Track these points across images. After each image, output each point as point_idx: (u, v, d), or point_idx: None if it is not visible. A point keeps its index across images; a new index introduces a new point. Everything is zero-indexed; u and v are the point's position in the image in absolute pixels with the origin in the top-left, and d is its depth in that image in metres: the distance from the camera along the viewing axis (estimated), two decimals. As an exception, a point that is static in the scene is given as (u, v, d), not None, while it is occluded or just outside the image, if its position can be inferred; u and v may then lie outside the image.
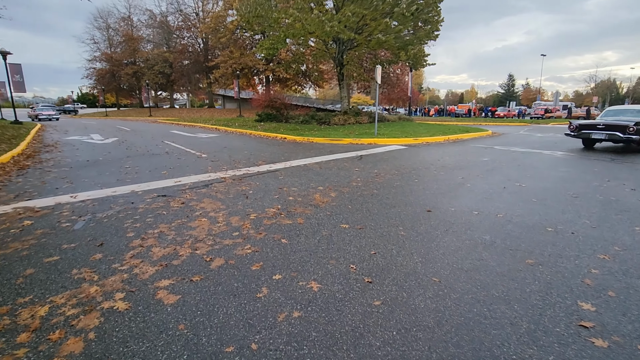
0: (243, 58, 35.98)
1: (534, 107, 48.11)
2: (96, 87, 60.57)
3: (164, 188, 5.54)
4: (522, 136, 15.05)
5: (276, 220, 4.01)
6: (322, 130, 14.38)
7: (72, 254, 3.10)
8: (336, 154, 9.25)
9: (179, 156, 8.91)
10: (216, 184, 5.79)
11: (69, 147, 10.73)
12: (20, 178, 6.28)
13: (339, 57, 16.96)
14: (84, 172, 6.87)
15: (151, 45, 56.23)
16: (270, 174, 6.61)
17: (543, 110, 40.54)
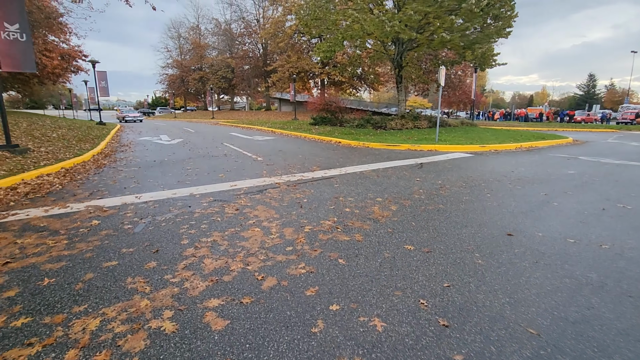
0: (300, 62, 36.57)
1: (622, 110, 42.15)
2: (167, 91, 66.34)
3: (220, 192, 5.54)
4: (612, 145, 13.04)
5: (332, 235, 3.70)
6: (378, 134, 13.85)
7: (129, 260, 3.09)
8: (394, 160, 8.72)
9: (236, 159, 9.06)
10: (270, 190, 5.65)
11: (140, 147, 11.56)
12: (96, 176, 6.76)
13: (398, 58, 16.27)
14: (150, 172, 7.22)
15: (216, 51, 59.92)
16: (325, 181, 6.34)
17: (634, 114, 35.36)
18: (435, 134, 13.05)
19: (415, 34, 13.51)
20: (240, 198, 5.17)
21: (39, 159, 7.71)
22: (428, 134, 13.65)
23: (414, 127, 15.19)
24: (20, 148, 8.01)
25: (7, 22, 7.49)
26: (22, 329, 2.14)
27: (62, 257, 3.15)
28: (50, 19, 17.71)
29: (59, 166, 7.27)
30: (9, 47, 7.56)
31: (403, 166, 7.95)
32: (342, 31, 14.29)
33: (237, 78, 52.78)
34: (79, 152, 9.27)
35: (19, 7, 7.67)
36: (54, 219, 4.20)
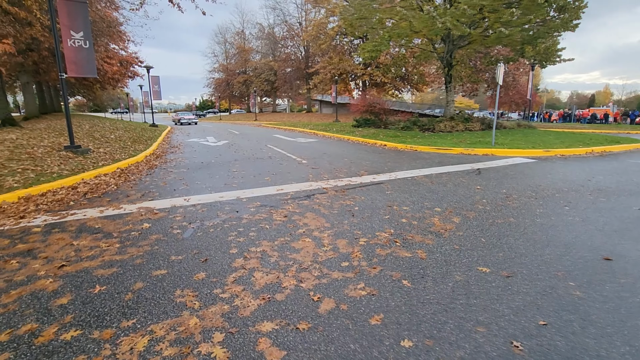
0: (341, 63, 36.30)
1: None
2: (213, 95, 69.31)
3: (267, 197, 5.37)
4: None
5: (391, 250, 3.32)
6: (426, 137, 13.14)
7: (178, 269, 2.94)
8: (447, 165, 8.10)
9: (281, 161, 8.94)
10: (318, 196, 5.38)
11: (188, 149, 11.91)
12: (148, 178, 6.93)
13: (447, 57, 15.37)
14: (198, 174, 7.29)
15: (259, 55, 61.56)
16: (375, 187, 5.95)
17: None
18: (490, 136, 12.10)
19: (469, 30, 12.63)
20: (288, 204, 4.95)
21: (97, 159, 8.11)
22: (482, 136, 12.69)
23: (465, 129, 14.24)
24: (82, 149, 8.49)
25: (73, 30, 7.97)
26: (71, 344, 2.02)
27: (114, 262, 3.08)
28: (111, 28, 19.03)
29: (115, 166, 7.57)
30: (74, 54, 8.04)
31: (458, 172, 7.32)
32: (389, 30, 13.75)
33: (279, 80, 53.75)
34: (133, 152, 9.69)
35: (83, 16, 8.14)
36: (108, 220, 4.24)
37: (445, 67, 15.67)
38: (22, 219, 4.26)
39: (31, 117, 22.71)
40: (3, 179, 5.65)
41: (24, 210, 4.60)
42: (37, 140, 9.65)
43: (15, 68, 22.06)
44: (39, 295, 2.55)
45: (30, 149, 8.12)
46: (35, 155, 7.57)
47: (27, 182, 5.61)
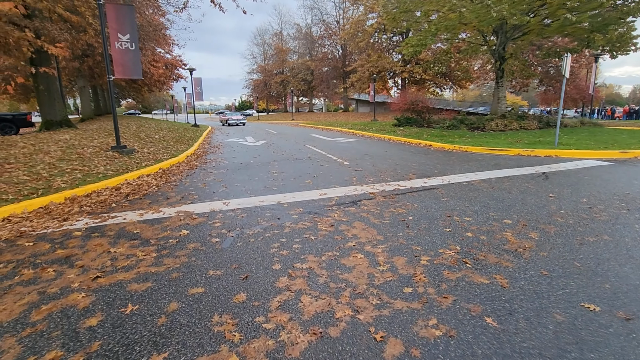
0: (380, 61, 35.35)
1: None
2: (252, 95, 70.89)
3: (310, 202, 4.97)
4: None
5: (462, 273, 2.77)
6: (476, 137, 12.14)
7: (216, 287, 2.61)
8: (505, 168, 7.26)
9: (321, 162, 8.55)
10: (365, 202, 4.90)
11: (227, 149, 11.90)
12: (188, 179, 6.83)
13: (500, 49, 14.13)
14: (237, 175, 7.08)
15: (296, 55, 61.96)
16: (427, 193, 5.36)
17: None
18: (550, 136, 10.92)
19: (527, 18, 11.44)
20: (333, 210, 4.52)
21: (141, 159, 8.21)
22: (541, 136, 11.47)
23: (519, 128, 13.00)
24: (127, 149, 8.66)
25: (121, 33, 8.11)
26: (95, 383, 1.72)
27: (149, 275, 2.82)
28: (157, 31, 19.77)
29: (157, 167, 7.59)
30: (121, 56, 8.19)
31: (521, 176, 6.49)
32: (435, 22, 12.88)
33: (316, 80, 53.74)
34: (175, 153, 9.77)
35: (130, 19, 8.26)
36: (146, 225, 4.06)
37: (497, 61, 14.44)
38: (65, 222, 4.20)
39: (86, 118, 24.29)
40: (52, 179, 5.76)
41: (68, 212, 4.57)
42: (87, 140, 10.04)
43: (73, 73, 23.71)
44: (69, 312, 2.32)
45: (80, 149, 8.39)
46: (84, 156, 7.79)
47: (74, 183, 5.67)
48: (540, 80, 27.91)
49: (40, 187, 5.33)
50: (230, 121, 29.89)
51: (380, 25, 36.53)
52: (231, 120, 30.05)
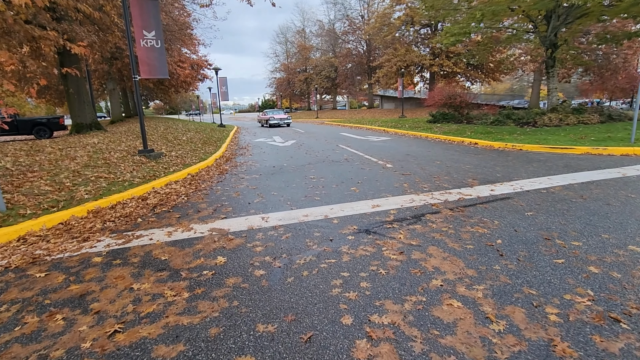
0: (408, 55, 33.93)
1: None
2: (275, 94, 70.85)
3: (362, 216, 4.19)
4: None
5: (621, 339, 1.90)
6: (528, 133, 10.90)
7: (271, 354, 1.88)
8: (581, 171, 6.17)
9: (361, 165, 7.74)
10: (431, 217, 4.06)
11: (257, 150, 11.31)
12: (219, 186, 6.22)
13: (551, 36, 12.70)
14: (271, 181, 6.40)
15: (319, 52, 61.19)
16: (502, 204, 4.44)
17: None
18: (619, 131, 9.56)
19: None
20: (395, 229, 3.71)
21: (169, 163, 7.71)
22: (608, 131, 10.09)
23: (577, 122, 11.62)
24: (154, 153, 8.20)
25: (146, 30, 7.63)
26: None
27: (180, 329, 2.14)
28: (183, 30, 19.57)
29: (185, 172, 7.04)
30: (146, 55, 7.71)
31: (608, 181, 5.41)
32: (481, 7, 11.68)
33: (340, 77, 52.82)
34: (204, 156, 9.26)
35: (155, 15, 7.76)
36: (176, 248, 3.42)
37: (548, 49, 13.01)
38: (85, 242, 3.63)
39: (116, 120, 24.62)
40: (76, 190, 5.28)
41: (90, 229, 4.02)
42: (115, 144, 9.71)
43: (104, 76, 24.07)
44: (74, 398, 1.66)
45: (107, 154, 8.00)
46: (110, 161, 7.36)
47: (98, 193, 5.16)
48: (585, 69, 25.66)
49: (62, 198, 4.84)
50: (272, 121, 23.78)
51: (408, 17, 35.11)
52: (273, 120, 23.89)
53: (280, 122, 23.87)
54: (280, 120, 24.05)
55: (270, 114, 25.15)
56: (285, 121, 24.15)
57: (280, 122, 23.88)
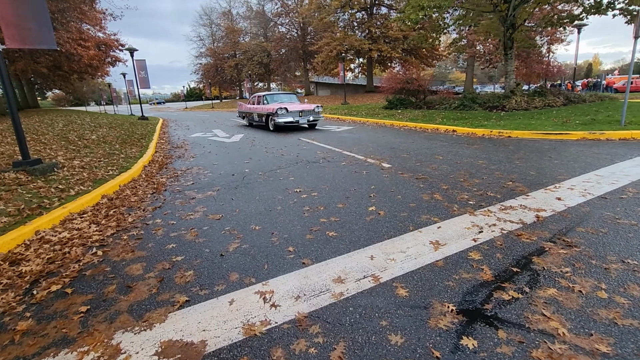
0: (347, 39, 32.69)
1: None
2: (202, 81, 64.84)
3: (435, 271, 2.47)
4: None
5: None
6: (505, 118, 10.21)
7: None
8: (622, 161, 5.25)
9: (350, 166, 5.98)
10: (541, 262, 2.50)
11: (199, 149, 8.81)
12: (158, 216, 3.92)
13: (511, 16, 12.26)
14: (240, 201, 4.30)
15: (249, 36, 57.14)
16: (599, 223, 3.07)
17: None
18: (593, 113, 9.25)
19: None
20: (521, 304, 2.04)
21: (69, 181, 5.05)
22: (583, 113, 9.77)
23: (544, 105, 11.37)
24: (43, 165, 5.39)
25: (9, -32, 4.73)
26: None
27: None
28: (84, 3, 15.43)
29: (97, 194, 4.54)
30: (12, 10, 4.84)
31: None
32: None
33: (274, 63, 49.93)
34: (125, 162, 6.60)
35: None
36: None
37: (508, 29, 12.56)
38: None
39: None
40: None
41: None
42: (-22, 151, 6.48)
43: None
44: None
45: (-45, 171, 4.99)
46: (-42, 185, 4.47)
47: None
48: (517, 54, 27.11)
49: None
50: (283, 117, 11.27)
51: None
52: (284, 114, 11.28)
53: (302, 118, 11.51)
54: (300, 115, 11.51)
55: (274, 101, 12.68)
56: (311, 117, 11.74)
57: (300, 120, 11.48)
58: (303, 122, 11.57)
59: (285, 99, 13.16)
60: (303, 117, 11.61)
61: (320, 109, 11.95)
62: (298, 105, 11.93)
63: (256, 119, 13.10)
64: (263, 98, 12.96)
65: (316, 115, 11.91)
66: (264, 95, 13.09)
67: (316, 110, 11.83)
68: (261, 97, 13.10)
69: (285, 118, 11.25)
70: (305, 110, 11.65)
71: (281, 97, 13.43)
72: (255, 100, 13.48)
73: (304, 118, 11.60)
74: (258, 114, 12.80)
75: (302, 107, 11.64)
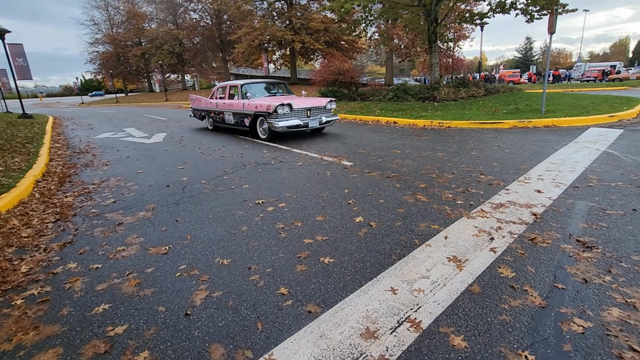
0: (269, 29, 31.38)
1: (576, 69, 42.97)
2: (101, 72, 56.54)
3: (472, 301, 2.00)
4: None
5: None
6: (440, 109, 10.57)
7: None
8: (553, 153, 5.59)
9: (307, 165, 5.32)
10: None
11: (112, 154, 7.19)
12: (70, 258, 2.77)
13: (434, 11, 12.80)
14: (190, 223, 3.33)
15: (155, 23, 51.50)
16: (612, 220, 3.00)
17: (599, 72, 35.99)
18: (514, 103, 10.10)
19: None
20: None
21: None
22: (505, 103, 10.56)
23: (469, 96, 12.14)
24: None
25: None
26: None
27: None
28: None
29: (-36, 232, 3.08)
30: None
31: (607, 160, 4.82)
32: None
33: (188, 53, 45.92)
34: (5, 177, 4.88)
35: None
36: None
37: (432, 23, 13.11)
38: None
39: None
40: None
41: None
42: None
43: None
44: None
45: None
46: None
47: None
48: (425, 49, 29.17)
49: None
50: (290, 121, 7.44)
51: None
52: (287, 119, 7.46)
53: (311, 120, 7.80)
54: (308, 114, 7.80)
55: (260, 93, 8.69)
56: (323, 117, 7.97)
57: (309, 122, 7.77)
58: (313, 124, 7.72)
59: (276, 91, 9.06)
60: (313, 119, 7.73)
61: (333, 104, 8.19)
62: (303, 100, 8.03)
63: (231, 120, 8.75)
64: (241, 89, 8.37)
65: (329, 114, 8.15)
66: (241, 86, 8.48)
67: (328, 107, 8.04)
68: (237, 88, 8.59)
69: (289, 120, 7.36)
70: (314, 108, 7.77)
71: (268, 88, 9.02)
72: (226, 93, 8.98)
73: (314, 120, 7.72)
74: (235, 114, 8.49)
75: (310, 103, 7.78)
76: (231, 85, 9.04)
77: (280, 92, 9.08)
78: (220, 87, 9.43)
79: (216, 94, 9.53)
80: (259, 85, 9.00)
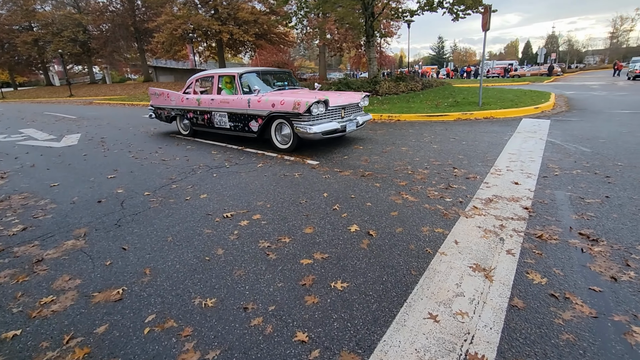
0: (193, 18, 28.92)
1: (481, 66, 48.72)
2: (-22, 61, 46.74)
3: (523, 319, 1.78)
4: (606, 97, 12.85)
5: None
6: (386, 102, 10.64)
7: None
8: (505, 144, 5.89)
9: (269, 166, 4.76)
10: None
11: (9, 162, 5.67)
12: None
13: (371, 5, 12.88)
14: (144, 251, 2.59)
15: (50, 5, 44.21)
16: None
17: (502, 69, 41.04)
18: (452, 97, 10.64)
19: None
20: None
21: None
22: (445, 96, 11.06)
23: (409, 90, 12.48)
24: None
25: None
26: None
27: None
28: None
29: None
30: None
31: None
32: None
33: (95, 41, 40.37)
34: None
35: None
36: None
37: (369, 18, 13.19)
38: None
39: None
40: None
41: None
42: None
43: None
44: None
45: None
46: None
47: None
48: (357, 46, 29.88)
49: None
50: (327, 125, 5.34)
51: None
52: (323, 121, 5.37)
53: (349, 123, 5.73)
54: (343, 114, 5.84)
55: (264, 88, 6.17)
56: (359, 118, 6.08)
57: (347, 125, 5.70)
58: (351, 127, 5.80)
59: (282, 83, 6.79)
60: (349, 120, 5.82)
61: (366, 101, 6.39)
62: (336, 96, 5.98)
63: (224, 123, 6.37)
64: (240, 81, 6.08)
65: (362, 113, 6.39)
66: (240, 76, 6.13)
67: (361, 105, 6.31)
68: (231, 79, 6.31)
69: (324, 124, 5.36)
70: (348, 106, 5.94)
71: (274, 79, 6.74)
72: (213, 86, 6.58)
73: (350, 122, 5.79)
74: (233, 114, 6.13)
75: (343, 100, 5.84)
76: (220, 75, 6.48)
77: (288, 85, 6.77)
78: (200, 77, 7.00)
79: (194, 87, 7.04)
80: (261, 75, 6.54)
